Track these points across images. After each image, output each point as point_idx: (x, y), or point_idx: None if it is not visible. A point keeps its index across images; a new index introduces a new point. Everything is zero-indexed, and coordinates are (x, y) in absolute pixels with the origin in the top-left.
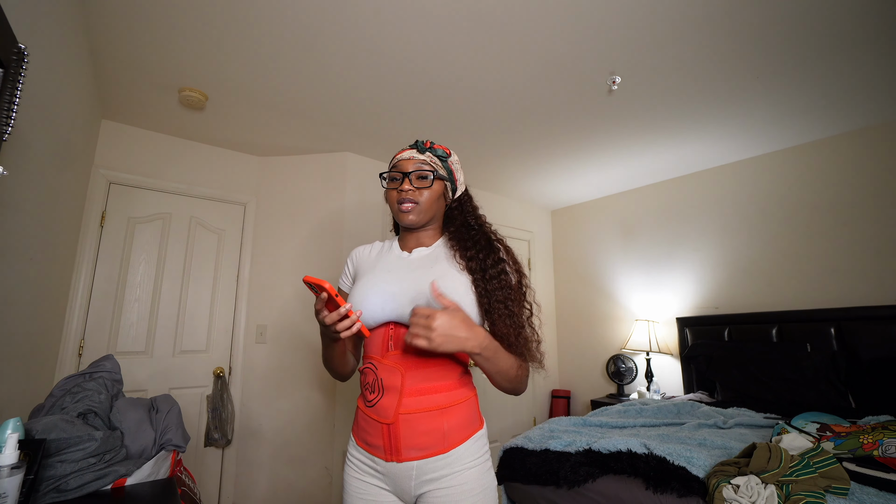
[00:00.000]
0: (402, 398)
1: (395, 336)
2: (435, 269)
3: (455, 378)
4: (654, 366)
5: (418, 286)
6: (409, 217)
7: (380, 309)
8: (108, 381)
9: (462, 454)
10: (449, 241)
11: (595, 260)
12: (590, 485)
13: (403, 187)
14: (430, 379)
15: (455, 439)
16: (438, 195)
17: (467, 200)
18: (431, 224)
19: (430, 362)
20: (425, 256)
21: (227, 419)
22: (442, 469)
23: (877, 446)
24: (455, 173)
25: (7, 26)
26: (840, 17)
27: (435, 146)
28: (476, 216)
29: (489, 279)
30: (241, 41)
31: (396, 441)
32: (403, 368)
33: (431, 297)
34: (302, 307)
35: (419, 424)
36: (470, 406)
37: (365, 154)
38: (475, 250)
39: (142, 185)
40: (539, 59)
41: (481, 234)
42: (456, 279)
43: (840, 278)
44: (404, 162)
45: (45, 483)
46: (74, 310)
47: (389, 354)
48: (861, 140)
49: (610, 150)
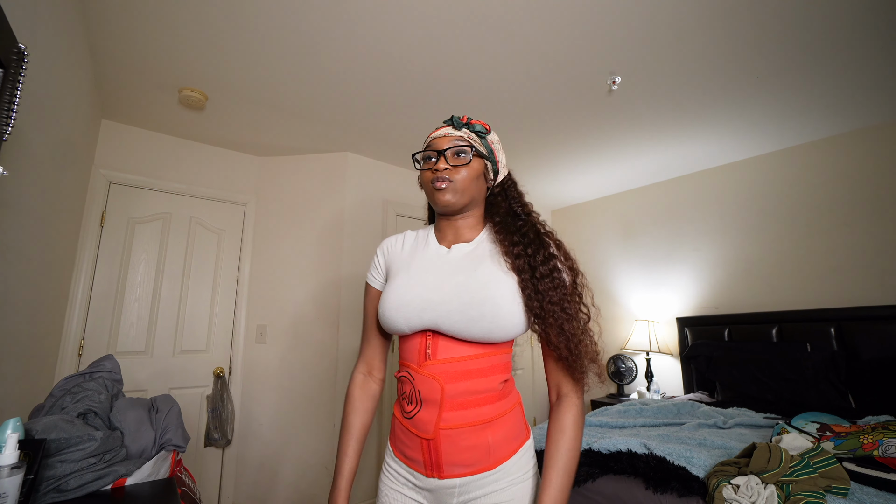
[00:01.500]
0: (441, 412)
1: (433, 345)
2: (479, 273)
3: (499, 388)
4: (654, 366)
5: (462, 294)
6: (444, 197)
7: (416, 316)
8: (108, 381)
9: (510, 469)
10: (493, 234)
11: (595, 260)
12: (590, 485)
13: (438, 166)
14: (471, 391)
15: (502, 454)
16: (478, 174)
17: (511, 186)
18: (471, 210)
19: (472, 372)
20: (467, 255)
21: (227, 419)
22: (487, 486)
23: (877, 446)
24: (496, 153)
25: (7, 26)
26: (840, 18)
27: (472, 121)
28: (522, 204)
29: (540, 278)
30: (241, 41)
31: (437, 457)
32: (443, 380)
33: (478, 310)
34: (302, 307)
35: (462, 440)
36: (515, 416)
37: (365, 154)
38: (522, 245)
39: (142, 185)
40: (539, 59)
41: (529, 226)
42: (502, 283)
43: (840, 278)
44: (438, 140)
45: (45, 483)
46: (74, 310)
47: (427, 364)
48: (861, 140)
49: (610, 150)
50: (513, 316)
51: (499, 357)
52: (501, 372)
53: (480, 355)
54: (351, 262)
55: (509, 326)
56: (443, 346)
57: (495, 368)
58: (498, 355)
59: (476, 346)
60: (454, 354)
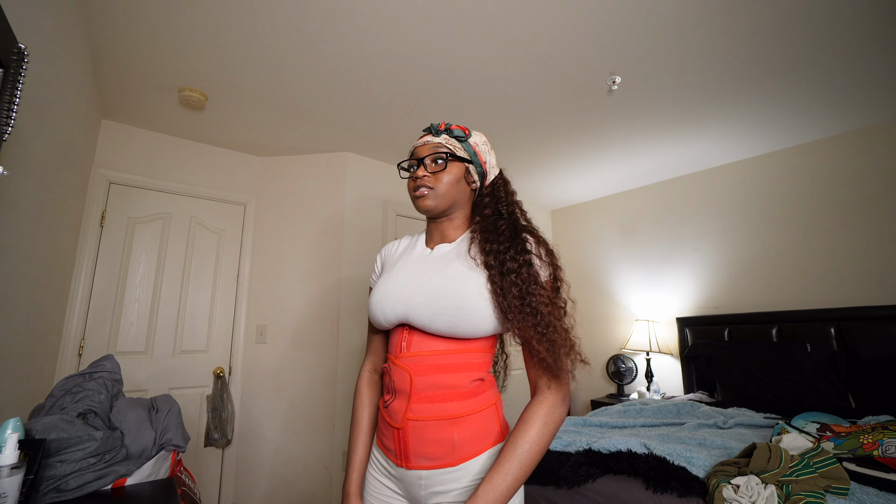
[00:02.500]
0: (410, 403)
1: (408, 338)
2: (449, 270)
3: (468, 385)
4: (654, 366)
5: (429, 288)
6: (424, 203)
7: (391, 310)
8: (108, 381)
9: (472, 469)
10: (473, 233)
11: (595, 260)
12: (590, 485)
13: (418, 173)
14: (440, 385)
15: (466, 453)
16: (457, 179)
17: (501, 185)
18: (454, 213)
19: (442, 367)
20: (446, 254)
21: (227, 419)
22: (450, 483)
23: (877, 446)
24: (481, 155)
25: (7, 26)
26: (839, 18)
27: (452, 127)
28: (508, 202)
29: (507, 273)
30: (240, 41)
31: (405, 447)
32: (412, 372)
33: (441, 303)
34: (302, 307)
35: (427, 433)
36: (487, 417)
37: (365, 154)
38: (497, 242)
39: (142, 185)
40: (539, 60)
41: (508, 224)
42: (469, 279)
43: (840, 278)
44: (420, 148)
45: (45, 483)
46: (74, 310)
47: (402, 356)
48: (861, 140)
49: (610, 150)
50: (479, 310)
51: (472, 355)
52: (474, 370)
53: (451, 351)
54: (351, 261)
55: (476, 321)
56: (417, 340)
57: (467, 366)
58: (471, 353)
59: (447, 342)
60: (426, 348)
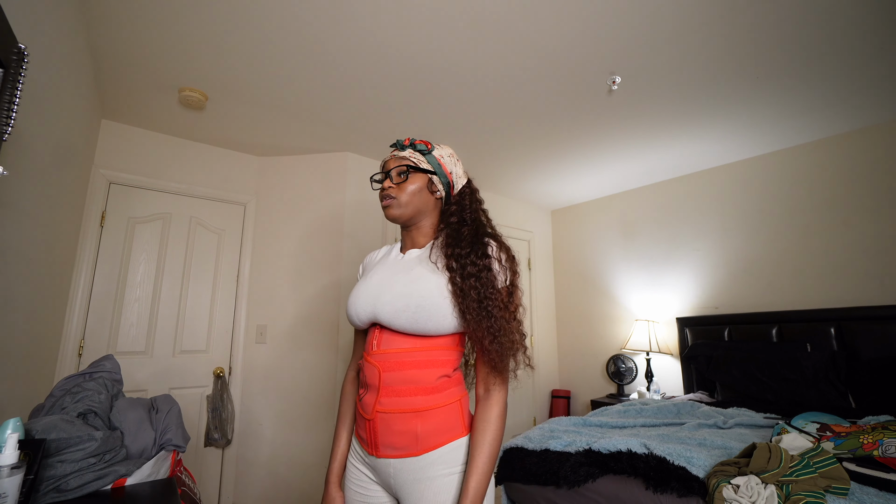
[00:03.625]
0: (379, 396)
1: (378, 337)
2: (414, 272)
3: (434, 381)
4: (654, 366)
5: (394, 288)
6: (389, 212)
7: (363, 310)
8: (108, 381)
9: (434, 460)
10: (437, 240)
11: (595, 260)
12: (590, 485)
13: (384, 185)
14: (405, 381)
15: (428, 444)
16: (420, 189)
17: (468, 194)
18: (420, 221)
19: (408, 363)
20: (415, 258)
21: (227, 419)
22: (416, 472)
23: (877, 446)
24: (445, 166)
25: (7, 26)
26: (839, 18)
27: (416, 142)
28: (473, 210)
29: (466, 277)
30: (241, 41)
31: (375, 437)
32: (381, 368)
33: (403, 301)
34: (302, 307)
35: (393, 424)
36: (449, 412)
37: (365, 154)
38: (459, 247)
39: (142, 185)
40: (539, 59)
41: (471, 230)
42: (430, 280)
43: (840, 278)
44: (387, 162)
45: (45, 483)
46: (74, 310)
47: (373, 353)
48: (861, 140)
49: (610, 150)
50: (439, 308)
51: (437, 352)
52: (439, 367)
53: (417, 349)
54: (351, 261)
55: (436, 319)
56: (385, 339)
57: (432, 363)
58: (436, 350)
59: (413, 340)
60: (393, 346)
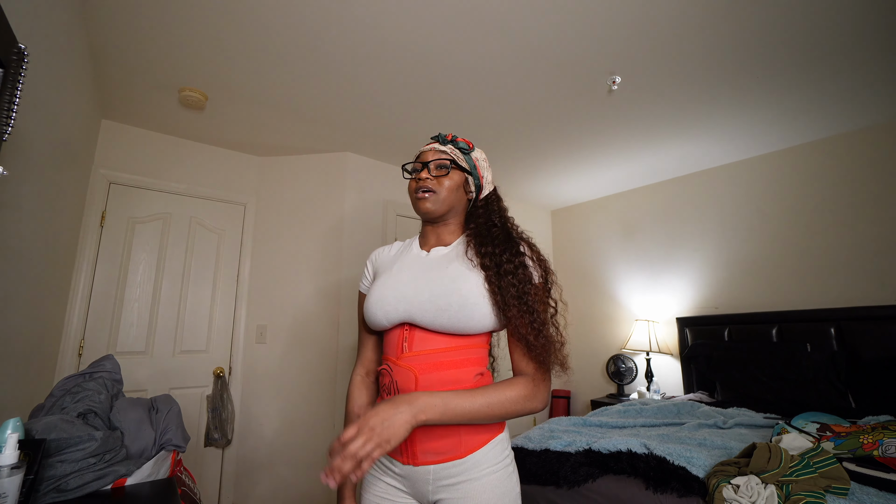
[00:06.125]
0: None
1: (409, 338)
2: (450, 269)
3: (472, 380)
4: (654, 366)
5: (433, 287)
6: (425, 205)
7: (393, 309)
8: (108, 381)
9: (479, 460)
10: (468, 238)
11: (595, 260)
12: (590, 485)
13: (421, 176)
14: (444, 382)
15: (471, 444)
16: (457, 186)
17: (494, 200)
18: (450, 218)
19: (444, 364)
20: (443, 256)
21: (227, 419)
22: (458, 475)
23: (877, 446)
24: (480, 169)
25: (7, 26)
26: (839, 18)
27: (458, 139)
28: (501, 215)
29: (504, 274)
30: (241, 41)
31: (412, 445)
32: (417, 371)
33: (445, 300)
34: (302, 307)
35: (434, 429)
36: None
37: (365, 154)
38: (491, 246)
39: (142, 185)
40: (539, 59)
41: (502, 231)
42: (469, 278)
43: (840, 278)
44: (426, 153)
45: (45, 483)
46: (74, 310)
47: (404, 356)
48: (861, 140)
49: (610, 150)
50: (479, 307)
51: (472, 351)
52: (475, 365)
53: (453, 348)
54: (351, 261)
55: (477, 317)
56: (419, 339)
57: (469, 361)
58: (471, 349)
59: (449, 339)
60: (429, 346)
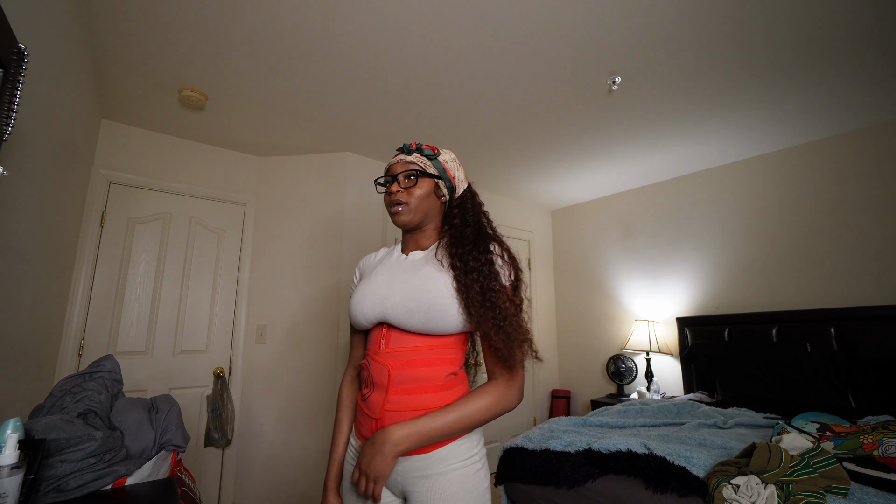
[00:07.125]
0: (388, 395)
1: (386, 336)
2: (422, 272)
3: (443, 379)
4: (654, 366)
5: (405, 289)
6: (400, 218)
7: (370, 310)
8: (108, 381)
9: (445, 455)
10: (442, 240)
11: (595, 260)
12: (590, 485)
13: (392, 189)
14: (415, 379)
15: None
16: (428, 193)
17: (469, 198)
18: (427, 224)
19: (417, 362)
20: (419, 259)
21: (227, 419)
22: (426, 469)
23: (877, 446)
24: (450, 171)
25: (7, 26)
26: (839, 18)
27: (422, 146)
28: (475, 213)
29: (469, 271)
30: (241, 41)
31: None
32: (391, 367)
33: (415, 302)
34: (302, 307)
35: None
36: None
37: (365, 154)
38: (461, 246)
39: (142, 185)
40: (539, 60)
41: (473, 230)
42: (438, 279)
43: (840, 278)
44: (394, 166)
45: (45, 483)
46: (74, 310)
47: (381, 352)
48: (861, 140)
49: (610, 150)
50: (448, 308)
51: (445, 350)
52: (448, 365)
53: (427, 347)
54: (351, 261)
55: (447, 318)
56: (394, 338)
57: (441, 361)
58: (444, 349)
59: (423, 339)
60: (403, 345)
